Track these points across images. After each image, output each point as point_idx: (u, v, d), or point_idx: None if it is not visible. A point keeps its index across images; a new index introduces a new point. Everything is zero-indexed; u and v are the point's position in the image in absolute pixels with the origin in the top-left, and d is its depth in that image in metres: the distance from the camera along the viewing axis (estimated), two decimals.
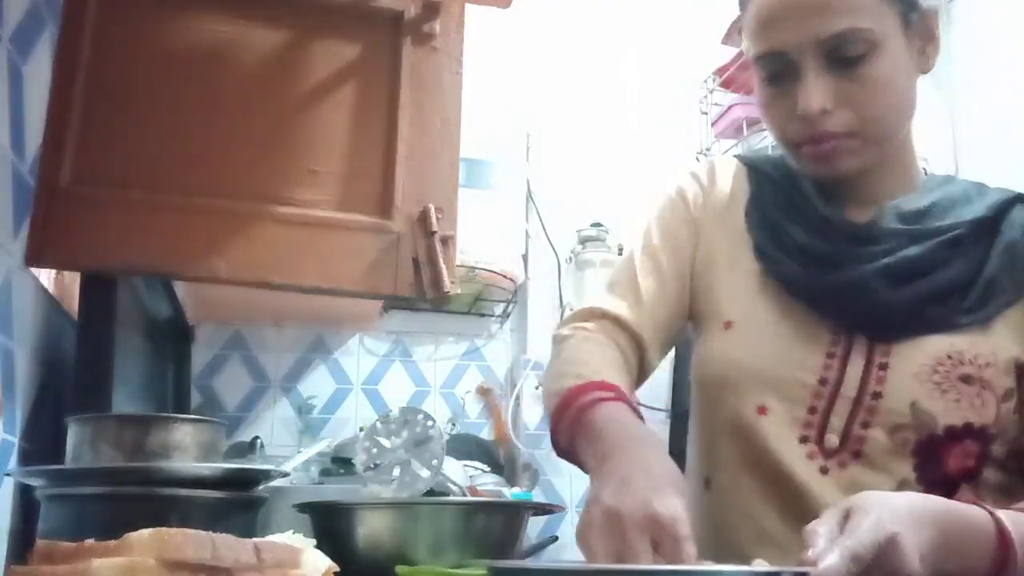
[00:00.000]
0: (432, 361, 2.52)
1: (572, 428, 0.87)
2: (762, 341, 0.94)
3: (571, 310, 2.54)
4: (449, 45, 1.25)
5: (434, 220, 1.16)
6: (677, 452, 1.03)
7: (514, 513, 1.04)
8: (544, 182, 2.61)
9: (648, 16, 2.73)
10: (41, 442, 1.05)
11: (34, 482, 0.85)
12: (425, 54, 1.23)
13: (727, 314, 0.98)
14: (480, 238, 2.33)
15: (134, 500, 0.79)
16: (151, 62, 1.12)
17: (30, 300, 1.05)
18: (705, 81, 2.49)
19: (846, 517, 0.66)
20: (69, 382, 1.11)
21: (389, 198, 1.16)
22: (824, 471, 0.88)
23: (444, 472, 1.10)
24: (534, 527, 2.35)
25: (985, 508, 0.75)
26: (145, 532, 0.63)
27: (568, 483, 2.40)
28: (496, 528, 1.01)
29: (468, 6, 1.27)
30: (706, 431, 1.02)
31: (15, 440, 0.99)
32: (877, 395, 0.88)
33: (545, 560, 2.39)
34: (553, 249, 2.58)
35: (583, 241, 2.56)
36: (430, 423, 1.04)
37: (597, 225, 2.56)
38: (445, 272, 1.14)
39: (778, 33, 0.89)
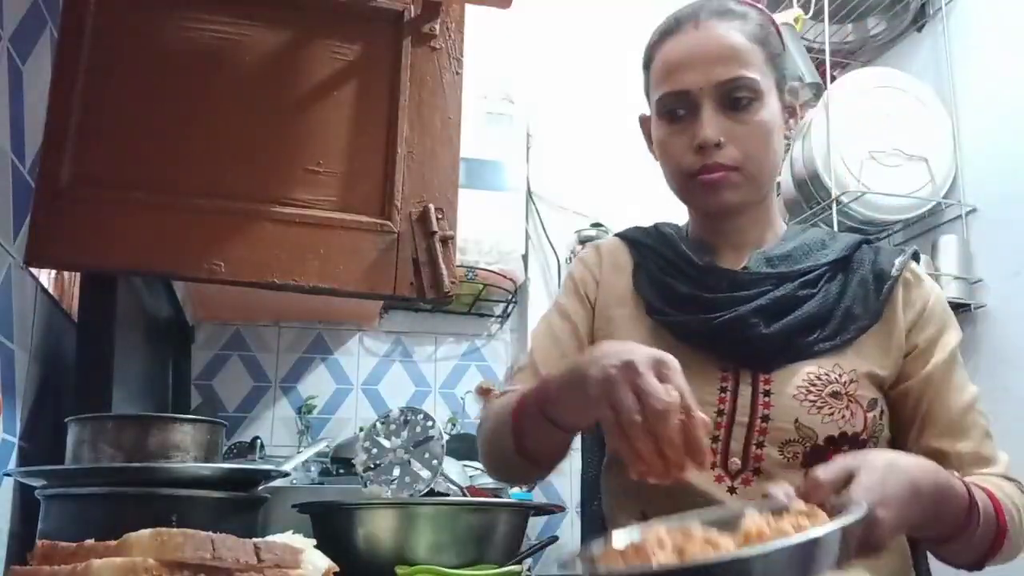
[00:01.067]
0: (432, 361, 2.52)
1: (535, 401, 0.93)
2: None
3: None
4: (449, 45, 1.25)
5: (434, 220, 1.16)
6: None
7: (514, 513, 1.04)
8: (544, 182, 2.61)
9: (648, 17, 2.73)
10: (41, 442, 1.05)
11: (34, 482, 0.85)
12: (425, 54, 1.23)
13: None
14: (480, 238, 2.33)
15: (134, 500, 0.79)
16: (151, 62, 1.12)
17: (30, 300, 1.05)
18: None
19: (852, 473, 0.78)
20: (69, 382, 1.11)
21: (389, 198, 1.16)
22: (732, 490, 1.00)
23: (444, 472, 1.10)
24: (534, 527, 2.35)
25: (962, 480, 0.90)
26: (145, 532, 0.63)
27: (568, 483, 2.40)
28: (496, 528, 1.01)
29: (468, 6, 1.27)
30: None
31: (15, 440, 0.98)
32: (766, 418, 1.01)
33: (545, 560, 2.39)
34: (553, 249, 2.58)
35: (583, 241, 2.56)
36: (430, 423, 1.04)
37: (597, 225, 2.56)
38: (445, 272, 1.14)
39: (684, 75, 1.06)
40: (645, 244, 1.17)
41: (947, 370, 1.05)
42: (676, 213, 1.22)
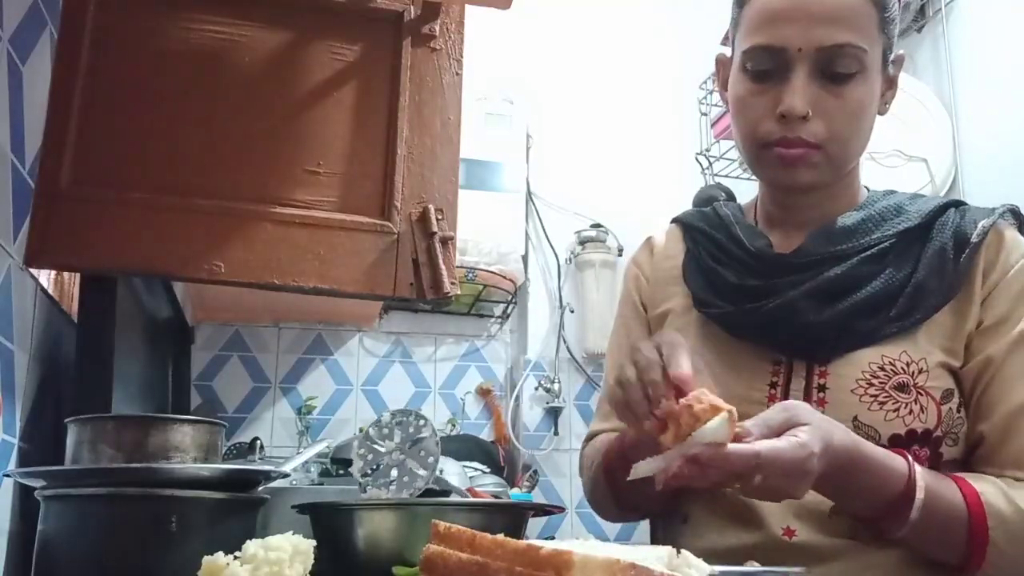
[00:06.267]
0: (432, 362, 2.52)
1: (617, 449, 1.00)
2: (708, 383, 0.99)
3: (571, 311, 2.56)
4: (449, 46, 1.25)
5: (434, 221, 1.16)
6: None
7: (514, 514, 1.04)
8: (544, 182, 2.61)
9: (648, 17, 2.73)
10: (41, 443, 1.05)
11: (33, 483, 0.85)
12: (425, 54, 1.23)
13: None
14: (480, 239, 2.33)
15: (134, 501, 0.79)
16: (151, 62, 1.12)
17: (30, 300, 1.05)
18: (704, 82, 2.49)
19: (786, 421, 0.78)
20: (69, 382, 1.11)
21: (389, 198, 1.16)
22: None
23: (441, 470, 1.10)
24: (534, 528, 2.35)
25: (907, 459, 0.85)
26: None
27: (568, 484, 2.40)
28: (496, 529, 1.01)
29: (468, 6, 1.27)
30: None
31: (15, 441, 0.98)
32: None
33: None
34: (553, 250, 2.58)
35: (583, 242, 2.56)
36: (421, 422, 1.04)
37: (597, 226, 2.56)
38: (445, 273, 1.14)
39: (783, 30, 0.91)
40: (698, 229, 1.08)
41: (1015, 352, 0.90)
42: (675, 213, 1.22)
